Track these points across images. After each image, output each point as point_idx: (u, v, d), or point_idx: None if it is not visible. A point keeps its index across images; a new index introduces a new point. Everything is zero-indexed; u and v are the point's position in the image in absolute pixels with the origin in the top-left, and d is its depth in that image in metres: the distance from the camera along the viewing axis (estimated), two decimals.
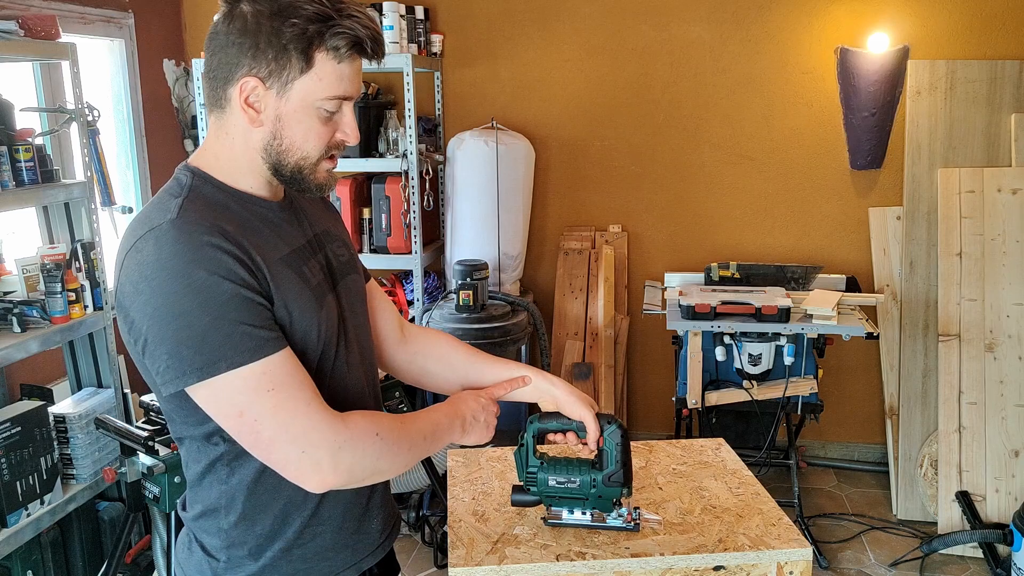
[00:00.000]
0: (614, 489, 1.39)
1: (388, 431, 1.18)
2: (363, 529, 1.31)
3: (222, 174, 1.19)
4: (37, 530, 2.46)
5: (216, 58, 1.15)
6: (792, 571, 1.34)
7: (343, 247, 1.35)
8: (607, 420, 1.39)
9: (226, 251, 1.08)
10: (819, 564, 3.14)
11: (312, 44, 1.12)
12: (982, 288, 3.31)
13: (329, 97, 1.15)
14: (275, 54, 1.11)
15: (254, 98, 1.14)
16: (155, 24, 3.79)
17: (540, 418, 1.42)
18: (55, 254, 2.62)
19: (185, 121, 3.98)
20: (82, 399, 2.73)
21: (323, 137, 1.18)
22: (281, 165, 1.18)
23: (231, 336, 1.06)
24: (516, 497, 1.45)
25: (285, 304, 1.14)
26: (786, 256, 3.87)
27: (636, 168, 3.94)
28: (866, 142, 3.69)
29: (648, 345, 4.03)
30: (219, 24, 1.14)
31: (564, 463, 1.43)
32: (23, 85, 3.03)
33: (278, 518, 1.22)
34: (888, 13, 3.60)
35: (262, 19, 1.11)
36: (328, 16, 1.11)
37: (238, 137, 1.17)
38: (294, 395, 1.10)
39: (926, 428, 3.50)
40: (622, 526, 1.40)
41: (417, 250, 3.58)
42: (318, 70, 1.13)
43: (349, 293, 1.31)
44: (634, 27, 3.82)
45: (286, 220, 1.24)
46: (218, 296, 1.06)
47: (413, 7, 3.68)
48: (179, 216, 1.10)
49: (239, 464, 1.19)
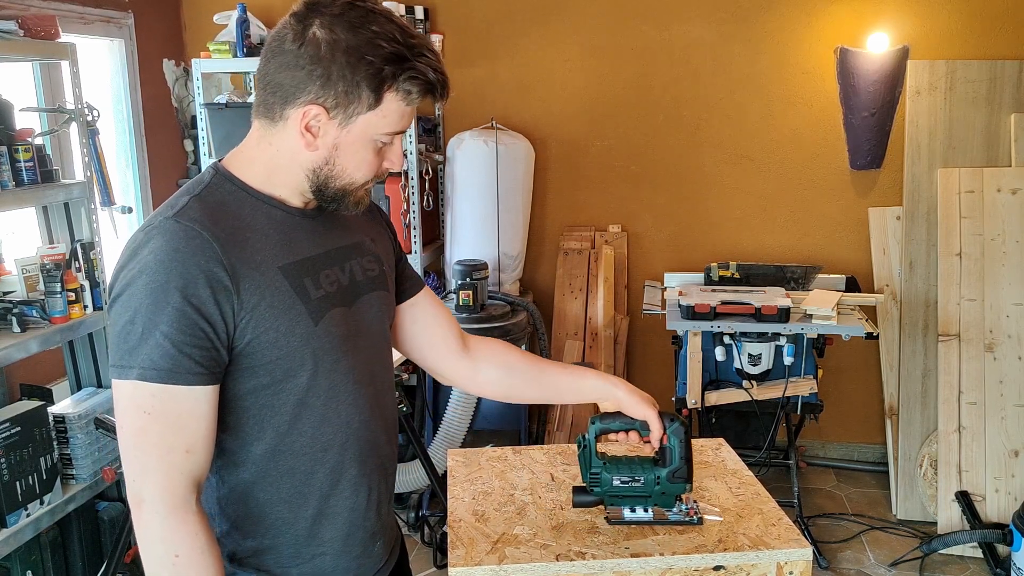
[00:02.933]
0: (678, 485, 1.41)
1: (188, 556, 1.09)
2: (367, 553, 1.31)
3: (253, 178, 1.19)
4: (37, 530, 2.46)
5: (279, 74, 1.13)
6: (792, 571, 1.34)
7: (375, 262, 1.32)
8: (669, 418, 1.40)
9: (200, 264, 1.08)
10: (819, 564, 3.15)
11: (384, 84, 1.12)
12: (982, 288, 3.31)
13: (389, 132, 1.17)
14: (345, 88, 1.11)
15: (314, 124, 1.14)
16: (155, 24, 3.79)
17: (602, 418, 1.43)
18: (55, 254, 2.61)
19: (185, 121, 3.97)
20: (82, 399, 2.73)
21: (373, 166, 1.19)
22: (326, 187, 1.19)
23: (155, 348, 1.06)
24: (578, 498, 1.45)
25: (253, 316, 1.12)
26: (786, 256, 3.87)
27: (636, 168, 3.94)
28: (866, 142, 3.69)
29: (648, 345, 4.03)
30: (287, 40, 1.12)
31: (626, 462, 1.43)
32: (23, 85, 3.03)
33: (269, 532, 1.22)
34: (888, 13, 3.60)
35: (337, 51, 1.09)
36: (403, 57, 1.11)
37: (284, 152, 1.17)
38: (163, 433, 1.08)
39: (926, 428, 3.50)
40: (685, 520, 1.40)
41: (417, 250, 3.58)
42: (385, 108, 1.13)
43: (369, 309, 1.29)
44: (634, 27, 3.82)
45: (308, 228, 1.22)
46: (166, 305, 1.06)
47: (413, 7, 3.68)
48: (177, 214, 1.11)
49: (228, 474, 1.20)
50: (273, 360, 1.15)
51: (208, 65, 3.46)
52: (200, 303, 1.07)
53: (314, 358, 1.18)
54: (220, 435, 1.18)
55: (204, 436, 1.11)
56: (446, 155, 3.73)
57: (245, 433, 1.18)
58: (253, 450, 1.19)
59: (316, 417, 1.20)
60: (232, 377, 1.15)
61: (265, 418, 1.18)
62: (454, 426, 3.42)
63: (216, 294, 1.09)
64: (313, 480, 1.22)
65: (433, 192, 3.83)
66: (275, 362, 1.15)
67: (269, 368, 1.15)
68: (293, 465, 1.21)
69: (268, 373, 1.15)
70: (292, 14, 1.13)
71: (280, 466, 1.20)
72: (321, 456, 1.22)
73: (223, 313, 1.09)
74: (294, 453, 1.20)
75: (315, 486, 1.22)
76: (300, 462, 1.21)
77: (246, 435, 1.18)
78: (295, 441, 1.20)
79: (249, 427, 1.18)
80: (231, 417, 1.17)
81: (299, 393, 1.18)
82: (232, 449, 1.19)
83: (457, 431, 3.43)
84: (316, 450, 1.21)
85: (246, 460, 1.20)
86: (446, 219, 3.83)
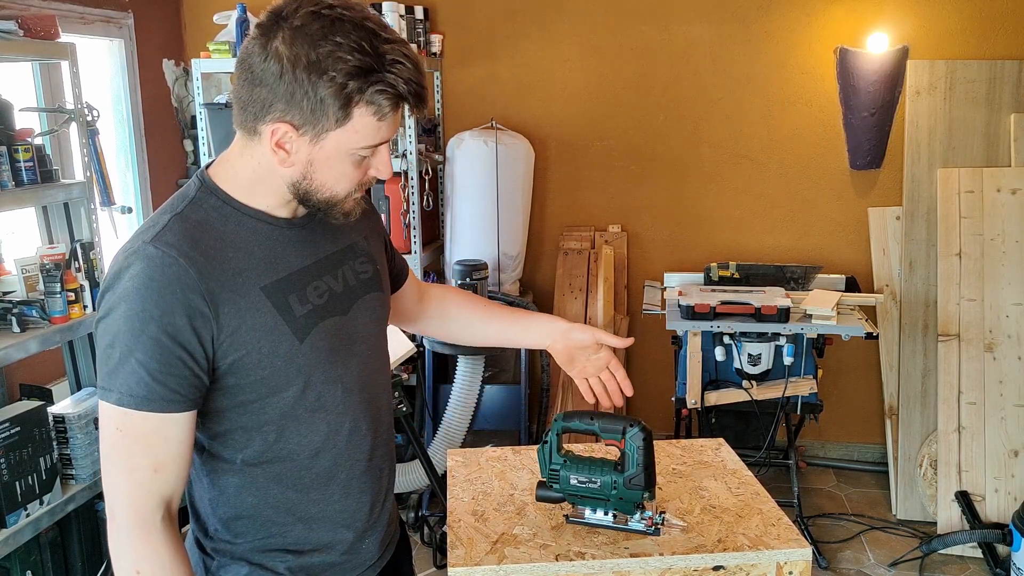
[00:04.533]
0: (635, 492, 1.38)
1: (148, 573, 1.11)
2: (353, 550, 1.31)
3: (237, 190, 1.17)
4: (36, 530, 2.46)
5: (247, 91, 1.09)
6: (792, 571, 1.34)
7: (368, 262, 1.31)
8: (630, 423, 1.38)
9: (176, 293, 1.07)
10: (819, 564, 3.14)
11: (351, 100, 1.05)
12: (981, 288, 3.31)
13: (365, 147, 1.11)
14: (311, 106, 1.06)
15: (285, 141, 1.10)
16: (155, 24, 3.79)
17: (565, 417, 1.43)
18: (54, 254, 2.61)
19: (184, 121, 3.97)
20: (81, 399, 2.73)
21: (354, 179, 1.15)
22: (308, 199, 1.16)
23: (131, 375, 1.07)
24: (541, 493, 1.45)
25: (234, 339, 1.12)
26: (786, 256, 3.86)
27: (636, 168, 3.94)
28: (866, 142, 3.69)
29: (648, 345, 4.03)
30: (254, 55, 1.07)
31: (587, 463, 1.42)
32: (23, 85, 3.03)
33: (259, 533, 1.23)
34: (888, 13, 3.60)
35: (298, 68, 1.04)
36: (370, 69, 1.04)
37: (264, 165, 1.14)
38: (132, 452, 1.09)
39: (926, 428, 3.50)
40: (642, 530, 1.39)
41: (417, 250, 3.58)
42: (355, 123, 1.08)
43: (364, 313, 1.28)
44: (634, 27, 3.81)
45: (296, 239, 1.20)
46: (142, 334, 1.06)
47: (413, 7, 3.68)
48: (155, 238, 1.10)
49: (217, 478, 1.22)
50: (258, 379, 1.15)
51: (208, 65, 3.46)
52: (175, 332, 1.07)
53: (301, 374, 1.17)
54: (209, 442, 1.19)
55: (175, 457, 1.11)
56: (446, 155, 3.73)
57: (233, 441, 1.19)
58: (240, 457, 1.20)
59: (303, 426, 1.20)
60: (217, 394, 1.15)
61: (252, 429, 1.18)
62: (454, 426, 3.42)
63: (193, 321, 1.08)
64: (301, 486, 1.23)
65: (433, 192, 3.83)
66: (260, 381, 1.15)
67: (254, 386, 1.15)
68: (280, 471, 1.21)
69: (253, 390, 1.16)
70: (257, 25, 1.09)
71: (268, 472, 1.21)
72: (309, 463, 1.22)
73: (201, 340, 1.09)
74: (282, 460, 1.21)
75: (303, 491, 1.23)
76: (288, 468, 1.21)
77: (233, 443, 1.19)
78: (282, 449, 1.20)
79: (236, 436, 1.19)
80: (218, 427, 1.18)
81: (286, 407, 1.18)
82: (220, 455, 1.20)
83: (457, 431, 3.43)
84: (304, 457, 1.22)
85: (234, 466, 1.20)
86: (446, 219, 3.83)
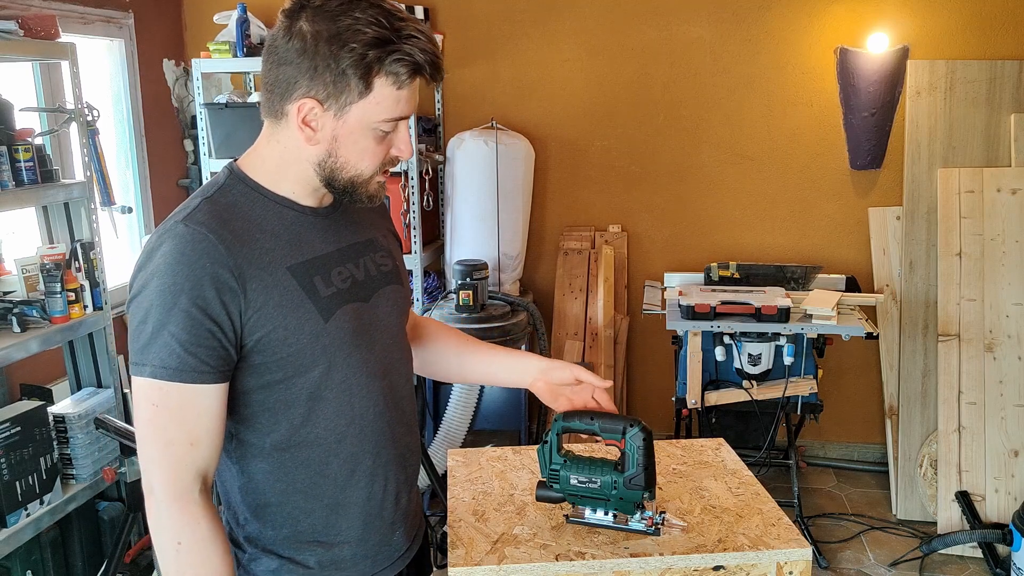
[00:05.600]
0: (635, 492, 1.38)
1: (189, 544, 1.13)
2: (385, 541, 1.33)
3: (265, 177, 1.21)
4: (37, 530, 2.46)
5: (274, 72, 1.15)
6: (792, 571, 1.34)
7: (387, 256, 1.35)
8: (630, 422, 1.38)
9: (206, 267, 1.10)
10: (819, 564, 3.15)
11: (371, 70, 1.11)
12: (981, 288, 3.31)
13: (386, 120, 1.16)
14: (333, 78, 1.12)
15: (311, 118, 1.15)
16: (155, 24, 3.79)
17: (565, 417, 1.43)
18: (55, 254, 2.62)
19: (185, 121, 3.97)
20: (82, 399, 2.73)
21: (378, 156, 1.19)
22: (334, 179, 1.20)
23: (163, 348, 1.09)
24: (540, 492, 1.45)
25: (261, 315, 1.14)
26: (786, 256, 3.87)
27: (636, 168, 3.94)
28: (866, 142, 3.69)
29: (648, 345, 4.03)
30: (278, 38, 1.14)
31: (587, 463, 1.42)
32: (23, 85, 3.03)
33: (288, 521, 1.25)
34: (888, 13, 3.60)
35: (320, 42, 1.11)
36: (388, 40, 1.11)
37: (291, 149, 1.19)
38: (168, 426, 1.11)
39: (926, 428, 3.50)
40: (642, 530, 1.39)
41: (417, 250, 3.58)
42: (376, 94, 1.13)
43: (385, 302, 1.31)
44: (634, 27, 3.82)
45: (320, 226, 1.25)
46: (174, 307, 1.09)
47: (413, 7, 3.68)
48: (187, 217, 1.14)
49: (246, 464, 1.24)
50: (284, 357, 1.17)
51: (208, 65, 3.46)
52: (206, 304, 1.10)
53: (326, 354, 1.20)
54: (236, 427, 1.21)
55: (209, 430, 1.14)
56: (446, 155, 3.73)
57: (260, 425, 1.21)
58: (268, 441, 1.22)
59: (329, 410, 1.22)
60: (244, 373, 1.17)
61: (279, 411, 1.20)
62: (454, 426, 3.42)
63: (222, 295, 1.11)
64: (328, 471, 1.25)
65: (433, 192, 3.83)
66: (286, 359, 1.17)
67: (280, 364, 1.18)
68: (308, 456, 1.23)
69: (280, 369, 1.18)
70: (282, 11, 1.15)
71: (295, 457, 1.23)
72: (335, 448, 1.24)
73: (230, 313, 1.12)
74: (308, 445, 1.23)
75: (330, 477, 1.25)
76: (314, 453, 1.23)
77: (260, 427, 1.21)
78: (309, 433, 1.22)
79: (263, 420, 1.21)
80: (246, 410, 1.20)
81: (312, 387, 1.20)
82: (248, 440, 1.22)
83: (457, 431, 3.43)
84: (330, 442, 1.24)
85: (261, 451, 1.22)
86: (446, 219, 3.83)
